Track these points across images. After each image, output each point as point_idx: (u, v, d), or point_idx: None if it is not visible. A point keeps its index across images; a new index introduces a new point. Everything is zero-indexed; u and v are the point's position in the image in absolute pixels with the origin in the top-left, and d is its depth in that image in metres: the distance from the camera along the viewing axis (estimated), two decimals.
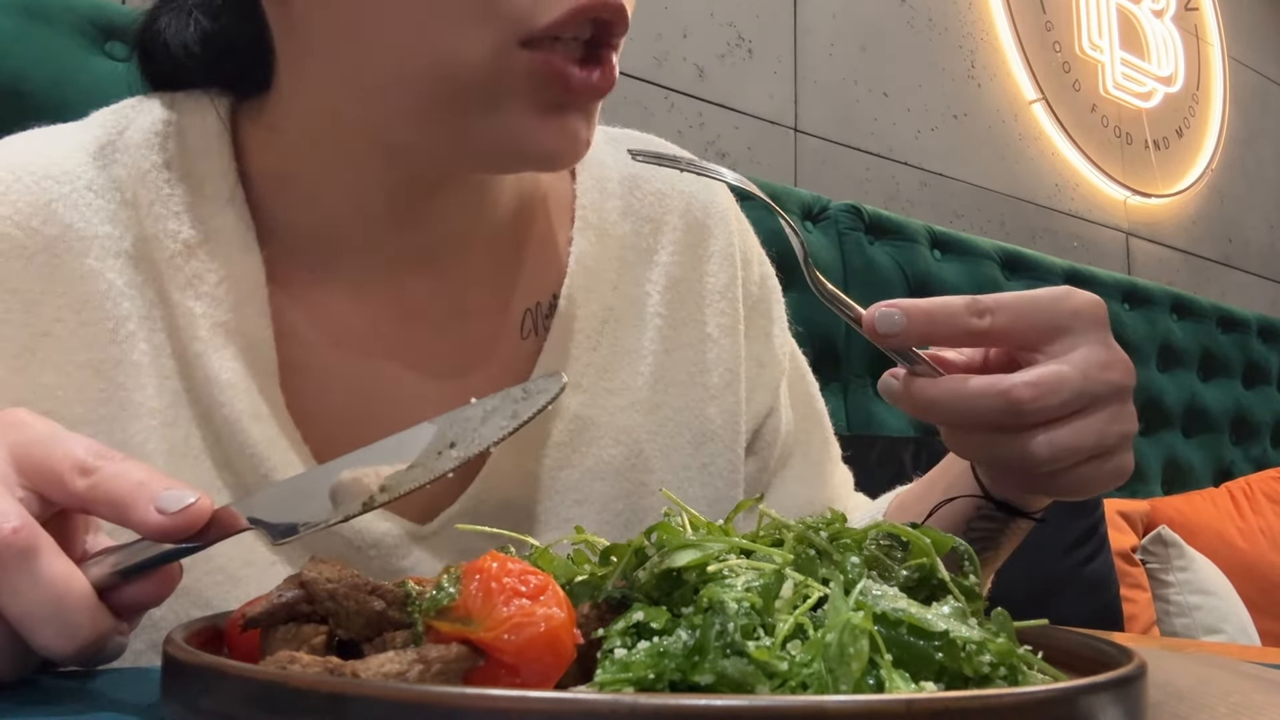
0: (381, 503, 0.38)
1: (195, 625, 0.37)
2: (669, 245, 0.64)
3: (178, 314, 0.50)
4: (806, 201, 1.79)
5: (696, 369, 0.64)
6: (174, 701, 0.30)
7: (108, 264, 0.49)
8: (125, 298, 0.49)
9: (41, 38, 1.07)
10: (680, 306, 0.64)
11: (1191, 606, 1.91)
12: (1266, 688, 0.40)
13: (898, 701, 0.25)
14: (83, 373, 0.48)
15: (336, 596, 0.34)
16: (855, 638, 0.29)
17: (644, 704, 0.24)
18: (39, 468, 0.36)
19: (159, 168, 0.51)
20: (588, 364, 0.59)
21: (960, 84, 2.51)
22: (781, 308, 0.74)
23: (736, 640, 0.29)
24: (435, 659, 0.30)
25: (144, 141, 0.52)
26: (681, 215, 0.65)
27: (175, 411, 0.50)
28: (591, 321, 0.59)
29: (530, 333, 0.58)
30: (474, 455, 0.38)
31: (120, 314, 0.49)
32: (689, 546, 0.34)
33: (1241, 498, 2.19)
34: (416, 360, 0.56)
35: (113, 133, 0.53)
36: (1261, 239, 3.33)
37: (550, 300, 0.59)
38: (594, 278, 0.60)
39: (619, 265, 0.62)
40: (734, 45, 2.08)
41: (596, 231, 0.61)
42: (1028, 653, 0.32)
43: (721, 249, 0.67)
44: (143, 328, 0.50)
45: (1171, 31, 3.10)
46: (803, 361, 0.77)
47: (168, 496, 0.35)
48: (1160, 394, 2.39)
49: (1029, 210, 2.62)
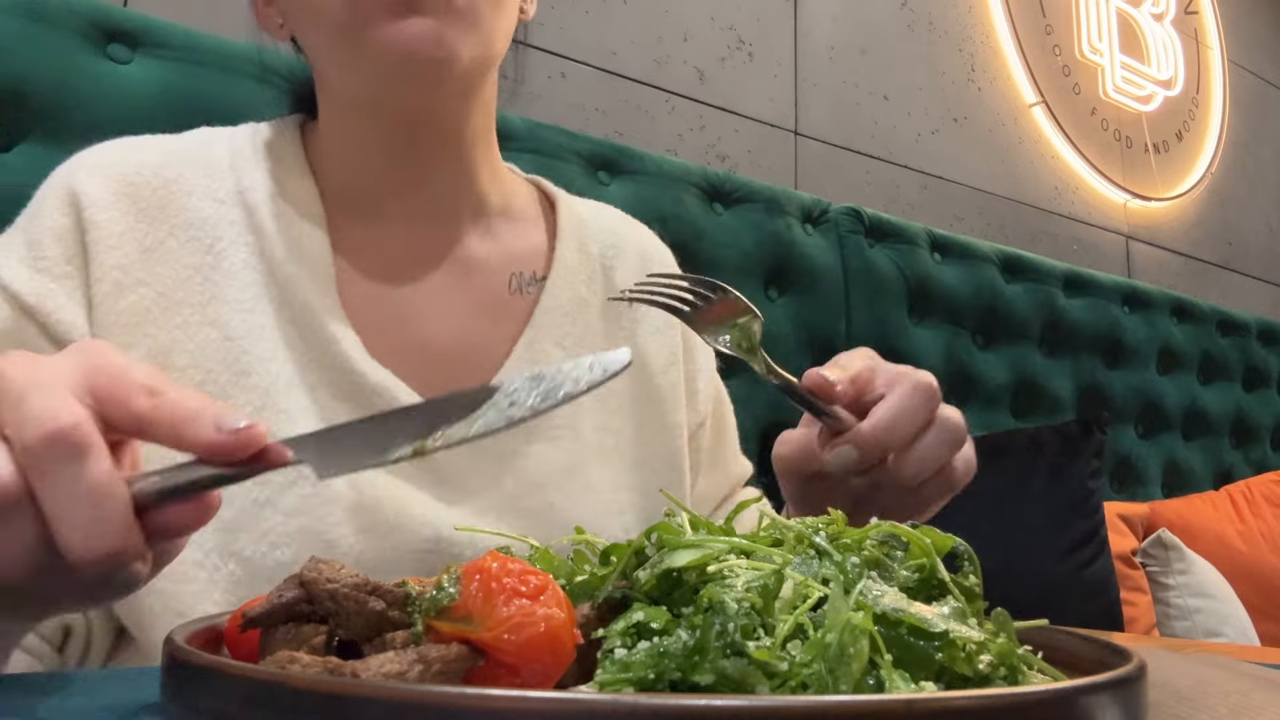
0: (433, 449, 0.37)
1: (195, 625, 0.37)
2: (630, 271, 0.82)
3: (265, 238, 0.68)
4: (806, 204, 1.79)
5: (649, 360, 0.81)
6: (174, 701, 0.30)
7: (206, 203, 0.69)
8: (219, 226, 0.68)
9: (43, 40, 1.07)
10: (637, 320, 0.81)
11: (1191, 609, 1.91)
12: (1266, 688, 0.40)
13: (898, 701, 0.25)
14: (187, 270, 0.66)
15: (337, 597, 0.34)
16: (855, 638, 0.29)
17: (644, 704, 0.24)
18: (107, 388, 0.38)
19: (251, 148, 0.73)
20: (567, 332, 0.76)
21: (960, 87, 2.51)
22: (709, 355, 0.89)
23: (736, 640, 0.29)
24: (435, 659, 0.30)
25: (240, 134, 0.75)
26: (637, 254, 0.84)
27: (256, 303, 0.67)
28: (568, 304, 0.77)
29: (516, 291, 0.76)
30: (528, 417, 0.37)
31: (215, 234, 0.68)
32: (689, 546, 0.34)
33: (1241, 501, 2.19)
34: (430, 289, 0.73)
35: (216, 134, 0.75)
36: (1261, 242, 3.33)
37: (533, 273, 0.77)
38: (571, 272, 0.78)
39: (588, 273, 0.80)
40: (734, 48, 2.08)
41: (575, 242, 0.80)
42: (1028, 653, 0.32)
43: None
44: (234, 246, 0.68)
45: (1171, 35, 3.10)
46: (724, 393, 0.91)
47: (228, 416, 0.37)
48: (1160, 397, 2.39)
49: (1029, 213, 2.62)
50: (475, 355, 0.72)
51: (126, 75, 1.12)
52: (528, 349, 0.73)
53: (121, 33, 1.13)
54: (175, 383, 0.40)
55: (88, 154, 0.69)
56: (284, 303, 0.67)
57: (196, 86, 1.15)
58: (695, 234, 1.59)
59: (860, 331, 1.80)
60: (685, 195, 1.61)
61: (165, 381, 0.39)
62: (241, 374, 0.64)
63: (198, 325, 0.65)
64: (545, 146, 1.45)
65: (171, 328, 0.64)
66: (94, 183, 0.66)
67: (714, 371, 0.88)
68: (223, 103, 1.14)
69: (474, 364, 0.72)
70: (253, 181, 0.70)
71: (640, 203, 1.53)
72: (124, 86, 1.10)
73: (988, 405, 2.01)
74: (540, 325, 0.74)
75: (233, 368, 0.64)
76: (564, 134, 1.50)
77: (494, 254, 0.77)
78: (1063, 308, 2.18)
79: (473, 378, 0.71)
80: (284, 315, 0.67)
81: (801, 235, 1.75)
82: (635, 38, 1.93)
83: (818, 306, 1.75)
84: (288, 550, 0.60)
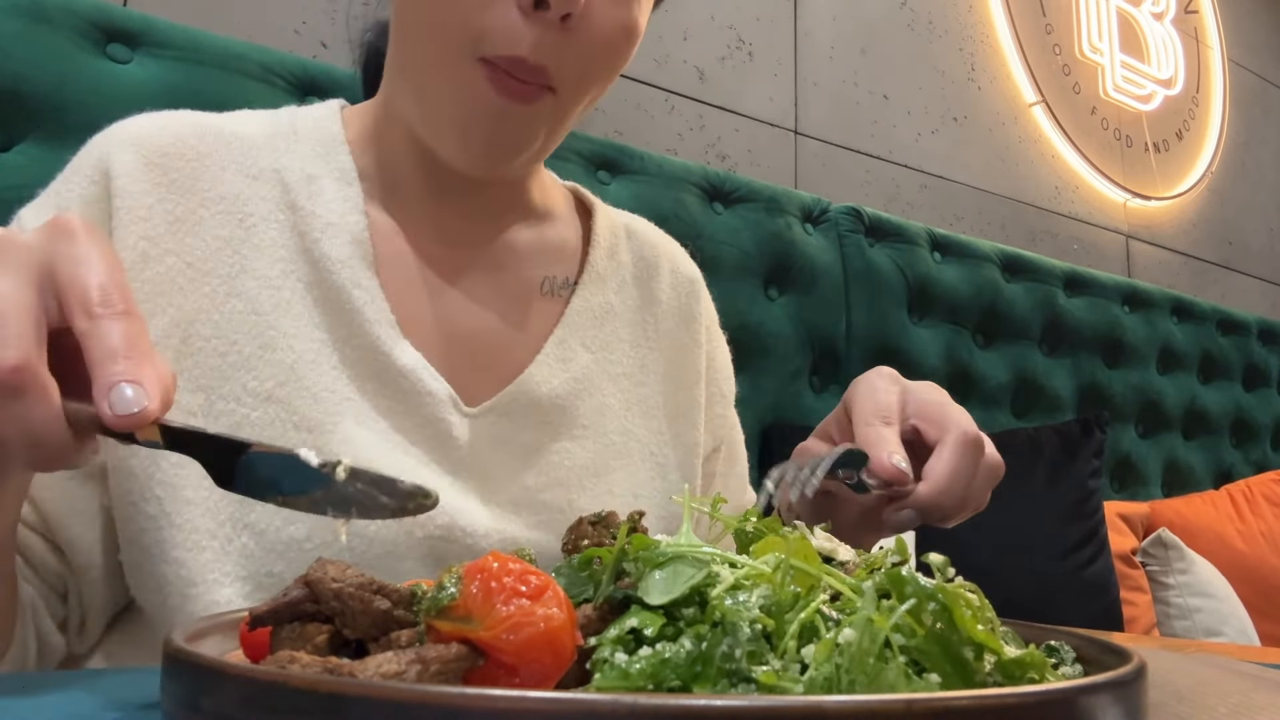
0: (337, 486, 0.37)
1: (195, 625, 0.37)
2: (661, 284, 0.84)
3: (300, 215, 0.69)
4: (806, 204, 1.79)
5: (675, 373, 0.83)
6: (174, 701, 0.30)
7: (239, 178, 0.69)
8: (251, 201, 0.68)
9: (43, 39, 1.07)
10: (666, 334, 0.83)
11: (1191, 609, 1.91)
12: (1266, 688, 0.39)
13: (898, 701, 0.25)
14: (217, 242, 0.66)
15: (342, 596, 0.34)
16: (874, 638, 0.28)
17: (644, 704, 0.24)
18: (65, 286, 0.41)
19: (290, 128, 0.73)
20: (594, 336, 0.77)
21: (960, 87, 2.51)
22: (730, 365, 0.91)
23: (742, 668, 0.29)
24: (434, 659, 0.30)
25: (280, 115, 0.75)
26: (669, 269, 0.86)
27: (285, 279, 0.67)
28: (597, 309, 0.78)
29: (548, 293, 0.77)
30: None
31: (247, 210, 0.68)
32: (688, 561, 0.34)
33: (1241, 500, 2.19)
34: (464, 280, 0.74)
35: (253, 114, 0.75)
36: (1261, 241, 3.33)
37: (565, 277, 0.78)
38: (602, 279, 0.80)
39: (618, 281, 0.81)
40: (734, 48, 2.08)
41: (608, 250, 0.81)
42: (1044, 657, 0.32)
43: (705, 320, 0.87)
44: (265, 222, 0.68)
45: (1171, 34, 3.10)
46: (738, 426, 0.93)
47: (120, 394, 0.39)
48: (1160, 396, 2.39)
49: (1029, 213, 2.62)
50: (505, 349, 0.73)
51: (126, 75, 1.11)
52: (557, 348, 0.74)
53: (121, 33, 1.13)
54: (119, 298, 0.42)
55: (124, 124, 0.70)
56: (315, 281, 0.67)
57: (196, 86, 1.15)
58: (695, 233, 1.59)
59: (860, 331, 1.80)
60: (685, 195, 1.61)
61: (108, 296, 0.41)
62: (266, 347, 0.64)
63: (224, 296, 0.65)
64: None
65: (198, 297, 0.64)
66: (127, 155, 0.66)
67: (731, 402, 0.89)
68: (223, 103, 1.14)
69: (503, 357, 0.72)
70: (290, 160, 0.71)
71: (640, 202, 1.52)
72: (124, 86, 1.10)
73: (988, 405, 2.00)
74: (569, 327, 0.76)
75: (257, 340, 0.64)
76: None
77: (530, 253, 0.77)
78: (1063, 307, 2.18)
79: (500, 370, 0.72)
80: (314, 293, 0.67)
81: (801, 235, 1.75)
82: None
83: (818, 306, 1.75)
84: (301, 526, 0.60)
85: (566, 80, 0.65)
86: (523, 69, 0.62)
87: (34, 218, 0.65)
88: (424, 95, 0.67)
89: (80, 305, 0.41)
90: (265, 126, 0.73)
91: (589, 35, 0.64)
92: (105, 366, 0.40)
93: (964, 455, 0.60)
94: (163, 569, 0.60)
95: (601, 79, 0.68)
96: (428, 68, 0.65)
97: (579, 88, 0.66)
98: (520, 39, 0.61)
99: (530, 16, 0.61)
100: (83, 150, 0.68)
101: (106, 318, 0.40)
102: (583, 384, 0.75)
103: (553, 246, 0.79)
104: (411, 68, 0.67)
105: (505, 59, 0.62)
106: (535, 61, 0.62)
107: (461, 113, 0.64)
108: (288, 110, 0.76)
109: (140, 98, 1.10)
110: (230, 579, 0.59)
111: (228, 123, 0.72)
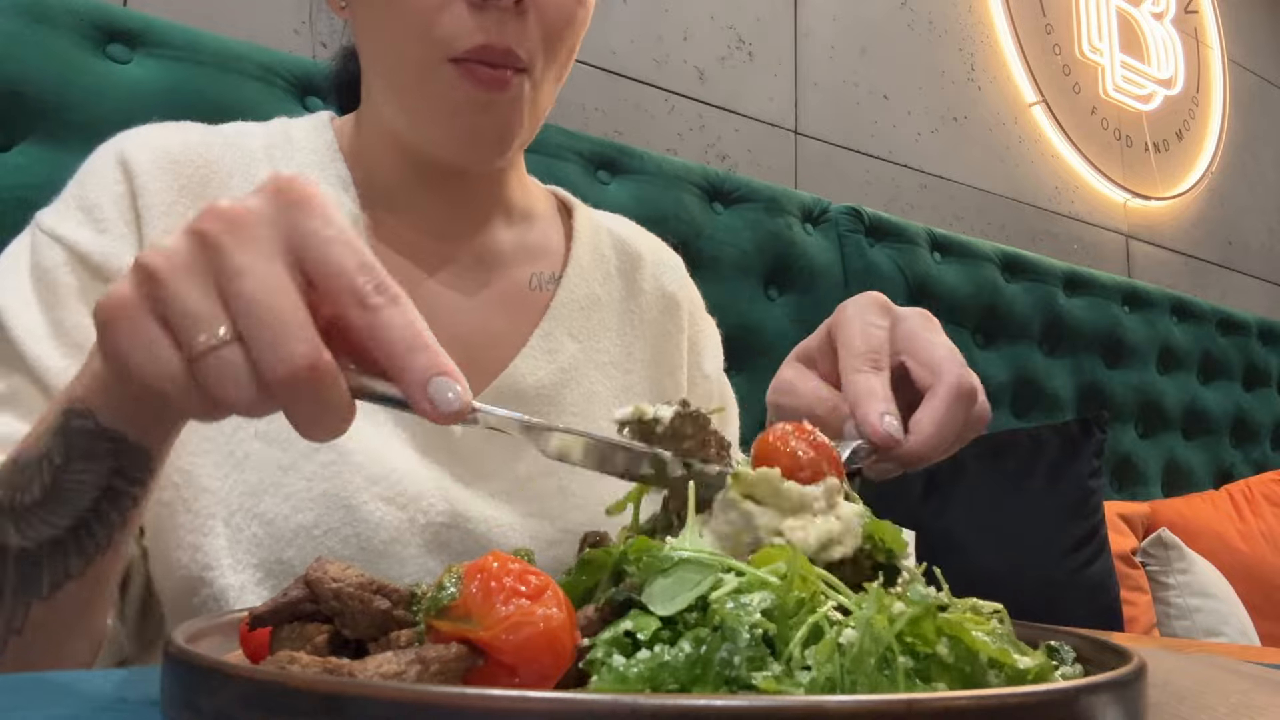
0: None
1: (195, 625, 0.37)
2: (644, 275, 0.86)
3: None
4: (807, 204, 1.79)
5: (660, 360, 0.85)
6: (174, 701, 0.30)
7: (244, 185, 0.71)
8: None
9: (43, 39, 1.07)
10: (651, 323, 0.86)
11: (1191, 609, 1.91)
12: (1266, 688, 0.39)
13: (898, 701, 0.25)
14: None
15: (341, 596, 0.34)
16: (877, 638, 0.28)
17: (644, 704, 0.24)
18: (322, 270, 0.39)
19: (285, 139, 0.76)
20: (581, 325, 0.80)
21: (960, 87, 2.51)
22: (716, 346, 0.93)
23: (741, 674, 0.29)
24: (433, 659, 0.30)
25: (273, 127, 0.78)
26: (652, 260, 0.88)
27: None
28: (583, 299, 0.81)
29: (536, 289, 0.80)
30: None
31: None
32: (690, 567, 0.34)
33: (1241, 500, 2.19)
34: (455, 281, 0.76)
35: (250, 126, 0.78)
36: (1261, 241, 3.33)
37: (551, 273, 0.81)
38: (586, 271, 0.82)
39: (603, 273, 0.84)
40: (734, 48, 2.08)
41: (590, 245, 0.84)
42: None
43: (687, 305, 0.90)
44: None
45: (1171, 34, 3.10)
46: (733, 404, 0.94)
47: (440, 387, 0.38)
48: (1160, 396, 2.39)
49: (1029, 213, 2.62)
50: (493, 343, 0.75)
51: (126, 75, 1.11)
52: (543, 340, 0.76)
53: (121, 32, 1.13)
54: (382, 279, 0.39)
55: (131, 132, 0.72)
56: None
57: (196, 86, 1.15)
58: (695, 233, 1.59)
59: None
60: (685, 195, 1.61)
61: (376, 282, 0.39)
62: None
63: None
64: (545, 146, 1.45)
65: None
66: (143, 155, 0.69)
67: (714, 376, 0.90)
68: (223, 102, 1.14)
69: (491, 351, 0.74)
70: (289, 168, 0.73)
71: (640, 202, 1.52)
72: (124, 86, 1.10)
73: None
74: (556, 318, 0.78)
75: None
76: (564, 133, 1.50)
77: (516, 252, 0.80)
78: (1063, 307, 2.18)
79: (489, 364, 0.74)
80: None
81: (801, 234, 1.75)
82: (635, 37, 1.93)
83: (818, 305, 1.74)
84: (309, 514, 0.62)
85: (534, 56, 0.68)
86: (491, 54, 0.65)
87: (56, 221, 0.67)
88: (407, 107, 0.70)
89: (350, 294, 0.38)
90: (262, 137, 0.76)
91: (543, 9, 0.67)
92: (407, 360, 0.38)
93: (954, 409, 0.56)
94: (177, 554, 0.62)
95: (567, 46, 0.71)
96: (405, 83, 0.69)
97: (548, 60, 0.69)
98: (479, 30, 0.65)
99: (482, 9, 0.65)
100: (93, 156, 0.70)
101: (386, 307, 0.39)
102: (570, 374, 0.77)
103: (537, 244, 0.82)
104: (390, 86, 0.71)
105: (472, 51, 0.65)
106: (501, 45, 0.65)
107: (447, 115, 0.68)
108: (279, 121, 0.79)
109: (140, 98, 1.10)
110: (242, 565, 0.61)
111: (228, 133, 0.75)
